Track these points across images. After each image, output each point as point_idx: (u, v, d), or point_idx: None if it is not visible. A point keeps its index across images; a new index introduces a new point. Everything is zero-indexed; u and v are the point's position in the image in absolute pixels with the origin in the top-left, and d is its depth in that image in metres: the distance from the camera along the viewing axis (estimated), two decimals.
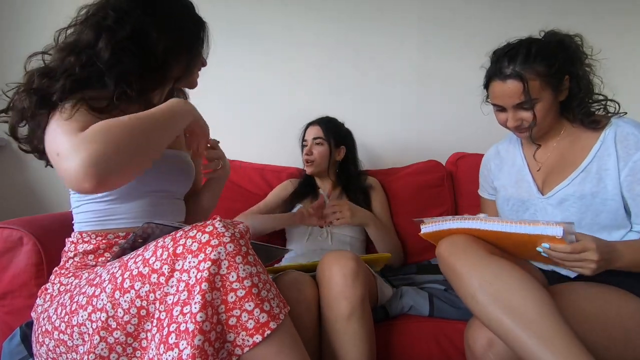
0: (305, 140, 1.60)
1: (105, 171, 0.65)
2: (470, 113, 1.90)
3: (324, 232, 1.45)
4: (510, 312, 0.76)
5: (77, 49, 0.80)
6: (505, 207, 1.13)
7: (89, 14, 0.82)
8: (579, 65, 1.00)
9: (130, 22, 0.81)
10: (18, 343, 0.87)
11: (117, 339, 0.69)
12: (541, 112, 0.99)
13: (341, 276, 0.92)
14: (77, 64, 0.78)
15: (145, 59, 0.82)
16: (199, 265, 0.66)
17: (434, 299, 1.18)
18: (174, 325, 0.65)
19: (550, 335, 0.72)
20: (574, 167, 1.00)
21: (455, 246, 0.89)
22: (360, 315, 0.92)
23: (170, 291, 0.67)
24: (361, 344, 0.92)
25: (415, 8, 1.92)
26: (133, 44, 0.81)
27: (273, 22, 1.90)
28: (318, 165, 1.56)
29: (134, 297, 0.68)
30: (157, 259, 0.68)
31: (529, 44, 1.00)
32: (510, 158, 1.17)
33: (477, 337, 0.86)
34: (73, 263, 0.85)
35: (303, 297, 0.93)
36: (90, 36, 0.80)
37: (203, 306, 0.64)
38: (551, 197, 1.02)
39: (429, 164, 1.73)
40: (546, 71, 0.96)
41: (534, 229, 0.80)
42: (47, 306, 0.80)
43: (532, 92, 0.97)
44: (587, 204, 0.96)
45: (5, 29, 1.76)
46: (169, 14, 0.86)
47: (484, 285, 0.81)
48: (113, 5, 0.82)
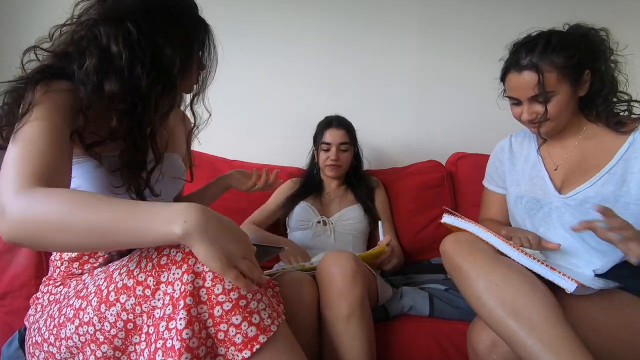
0: (327, 144, 1.55)
1: (33, 245, 0.61)
2: (470, 113, 1.92)
3: (327, 229, 1.46)
4: (516, 316, 0.75)
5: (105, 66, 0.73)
6: (519, 205, 1.09)
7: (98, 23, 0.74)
8: (603, 60, 0.96)
9: (150, 43, 0.74)
10: (16, 348, 0.86)
11: (105, 352, 0.66)
12: (558, 106, 0.95)
13: (340, 276, 0.92)
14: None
15: (162, 80, 0.76)
16: (182, 277, 0.62)
17: (434, 299, 1.18)
18: (161, 342, 0.61)
19: (556, 341, 0.71)
20: (597, 168, 0.96)
21: (461, 245, 0.88)
22: (360, 316, 0.92)
23: (157, 304, 0.63)
24: (361, 344, 0.92)
25: (415, 9, 1.92)
26: (153, 67, 0.74)
27: (273, 22, 1.90)
28: (343, 169, 1.56)
29: (119, 311, 0.64)
30: (141, 271, 0.65)
31: (549, 35, 0.96)
32: (523, 154, 1.14)
33: (480, 338, 0.85)
34: (60, 273, 0.83)
35: (303, 297, 0.93)
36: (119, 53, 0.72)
37: (189, 322, 0.61)
38: (570, 198, 0.99)
39: (429, 164, 1.73)
40: (564, 63, 0.93)
41: (549, 273, 0.81)
42: (37, 317, 0.78)
43: (548, 84, 0.93)
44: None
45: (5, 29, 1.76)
46: (179, 30, 0.79)
47: (490, 287, 0.80)
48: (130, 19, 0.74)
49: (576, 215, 0.98)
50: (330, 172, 1.55)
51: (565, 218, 1.00)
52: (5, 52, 1.74)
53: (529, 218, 1.07)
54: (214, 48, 0.89)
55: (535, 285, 0.79)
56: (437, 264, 1.51)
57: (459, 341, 1.07)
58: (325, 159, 1.55)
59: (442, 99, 1.93)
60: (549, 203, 1.03)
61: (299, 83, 1.91)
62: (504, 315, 0.76)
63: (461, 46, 1.91)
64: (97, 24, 0.73)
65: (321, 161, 1.58)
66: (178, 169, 0.99)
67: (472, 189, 1.63)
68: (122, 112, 0.74)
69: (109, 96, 0.72)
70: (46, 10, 1.77)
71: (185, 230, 0.57)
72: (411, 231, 1.59)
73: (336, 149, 1.54)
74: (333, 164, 1.53)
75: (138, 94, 0.74)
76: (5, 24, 1.76)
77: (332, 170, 1.54)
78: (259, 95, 1.91)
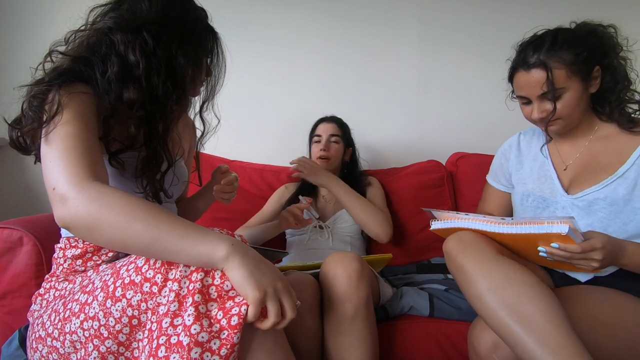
0: (318, 135, 1.59)
1: (85, 236, 0.65)
2: (470, 113, 1.92)
3: (325, 232, 1.45)
4: (518, 318, 0.74)
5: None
6: (525, 203, 1.08)
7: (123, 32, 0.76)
8: (613, 56, 0.95)
9: (165, 53, 0.77)
10: (17, 347, 0.86)
11: (109, 347, 0.67)
12: (568, 103, 0.94)
13: (346, 277, 0.92)
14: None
15: (177, 89, 0.79)
16: (191, 275, 0.64)
17: (434, 299, 1.18)
18: (164, 338, 0.62)
19: (557, 343, 0.70)
20: (609, 171, 0.95)
21: (464, 244, 0.87)
22: (365, 317, 0.92)
23: (162, 301, 0.64)
24: (365, 345, 0.92)
25: (415, 10, 1.92)
26: (168, 76, 0.77)
27: (274, 24, 1.90)
28: (332, 163, 1.55)
29: (125, 306, 0.65)
30: (149, 267, 0.66)
31: (556, 32, 0.96)
32: (532, 152, 1.13)
33: (481, 339, 0.85)
34: (63, 270, 0.84)
35: (305, 296, 0.92)
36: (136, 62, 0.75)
37: (197, 318, 0.62)
38: (579, 199, 0.97)
39: (430, 164, 1.73)
40: (573, 59, 0.92)
41: (539, 228, 0.79)
42: (42, 312, 0.79)
43: (558, 81, 0.92)
44: (617, 211, 0.92)
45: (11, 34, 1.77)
46: (191, 40, 0.81)
47: (493, 288, 0.79)
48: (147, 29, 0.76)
49: (583, 216, 0.97)
50: (320, 164, 1.53)
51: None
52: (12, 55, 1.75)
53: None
54: (222, 55, 0.91)
55: (538, 287, 0.78)
56: (437, 264, 1.51)
57: (459, 342, 1.07)
58: (316, 152, 1.57)
59: (442, 99, 1.94)
60: (555, 202, 1.02)
61: (299, 84, 1.91)
62: (505, 316, 0.76)
63: (461, 46, 1.91)
64: (113, 32, 0.76)
65: (313, 154, 1.59)
66: (183, 173, 1.01)
67: (472, 189, 1.63)
68: (140, 119, 0.78)
69: (128, 104, 0.76)
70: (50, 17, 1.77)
71: (229, 251, 0.63)
72: (411, 231, 1.59)
73: (326, 140, 1.56)
74: (322, 154, 1.54)
75: (155, 102, 0.77)
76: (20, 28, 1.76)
77: (322, 162, 1.54)
78: (259, 95, 1.91)
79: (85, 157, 0.68)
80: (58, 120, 0.70)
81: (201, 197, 1.15)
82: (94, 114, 0.75)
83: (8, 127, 0.76)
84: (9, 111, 0.79)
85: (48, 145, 0.70)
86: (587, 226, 0.96)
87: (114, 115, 0.76)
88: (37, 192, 1.78)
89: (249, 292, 0.62)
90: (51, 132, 0.70)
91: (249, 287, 0.62)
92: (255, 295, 0.62)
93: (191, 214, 1.14)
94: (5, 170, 1.78)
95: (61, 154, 0.67)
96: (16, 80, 0.77)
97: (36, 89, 0.73)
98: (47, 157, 0.69)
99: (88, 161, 0.68)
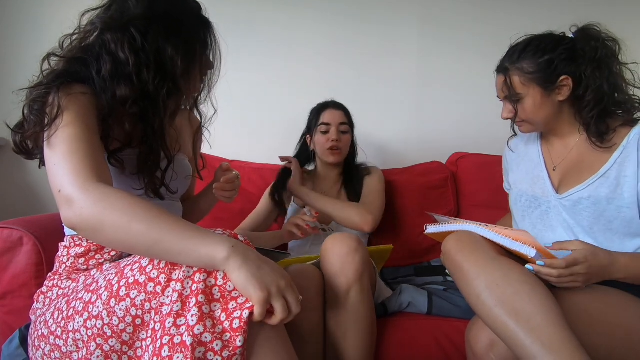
0: (326, 124, 1.41)
1: (91, 237, 0.68)
2: (470, 113, 1.92)
3: (328, 235, 1.43)
4: (515, 316, 0.75)
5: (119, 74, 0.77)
6: (518, 203, 1.11)
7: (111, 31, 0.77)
8: (589, 67, 0.95)
9: (153, 47, 0.77)
10: (17, 346, 0.86)
11: (113, 347, 0.68)
12: (528, 108, 1.00)
13: (339, 253, 0.94)
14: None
15: (167, 83, 0.80)
16: (194, 276, 0.64)
17: (432, 297, 1.18)
18: (167, 338, 0.62)
19: (555, 342, 0.71)
20: (592, 170, 0.97)
21: (463, 244, 0.88)
22: (359, 290, 0.93)
23: (165, 301, 0.65)
24: (361, 320, 0.93)
25: (416, 9, 1.92)
26: (157, 70, 0.78)
27: (273, 22, 1.90)
28: (343, 155, 1.43)
29: (129, 306, 0.66)
30: (154, 267, 0.66)
31: (530, 40, 1.01)
32: (528, 153, 1.15)
33: (479, 338, 0.85)
34: (66, 268, 0.84)
35: (311, 284, 0.94)
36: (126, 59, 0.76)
37: (200, 318, 0.62)
38: (566, 198, 0.99)
39: (432, 165, 1.73)
40: (533, 68, 0.97)
41: (511, 243, 0.84)
42: (45, 310, 0.79)
43: (515, 87, 0.99)
44: (600, 210, 0.94)
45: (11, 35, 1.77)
46: (180, 32, 0.81)
47: (490, 286, 0.80)
48: (134, 25, 0.77)
49: (572, 215, 0.99)
50: (332, 156, 1.41)
51: (562, 217, 1.01)
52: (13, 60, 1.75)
53: (527, 216, 1.08)
54: (217, 45, 0.91)
55: (536, 285, 0.79)
56: (437, 266, 1.51)
57: (457, 339, 1.07)
58: (325, 142, 1.40)
59: (442, 99, 1.93)
60: (547, 202, 1.04)
61: (299, 83, 1.91)
62: (503, 314, 0.76)
63: (461, 46, 1.91)
64: (104, 32, 0.77)
65: (320, 146, 1.43)
66: (186, 169, 1.01)
67: (472, 189, 1.64)
68: (135, 116, 0.79)
69: (121, 101, 0.76)
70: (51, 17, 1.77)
71: (230, 253, 0.64)
72: (414, 232, 1.58)
73: (336, 129, 1.40)
74: (334, 145, 1.38)
75: (147, 98, 0.78)
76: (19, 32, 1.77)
77: (334, 154, 1.40)
78: (258, 95, 1.91)
79: (88, 159, 0.69)
80: (59, 122, 0.71)
81: (203, 196, 1.15)
82: (93, 114, 0.75)
83: (11, 132, 0.77)
84: (10, 116, 0.79)
85: (51, 149, 0.71)
86: (574, 225, 0.98)
87: (112, 114, 0.77)
88: (37, 192, 1.79)
89: (252, 293, 0.63)
90: (53, 135, 0.71)
91: (253, 288, 0.63)
92: (259, 295, 0.62)
93: (195, 214, 1.14)
94: (5, 170, 1.78)
95: (65, 157, 0.69)
96: (15, 84, 0.77)
97: (35, 92, 0.74)
98: (51, 160, 0.70)
99: (91, 162, 0.69)
